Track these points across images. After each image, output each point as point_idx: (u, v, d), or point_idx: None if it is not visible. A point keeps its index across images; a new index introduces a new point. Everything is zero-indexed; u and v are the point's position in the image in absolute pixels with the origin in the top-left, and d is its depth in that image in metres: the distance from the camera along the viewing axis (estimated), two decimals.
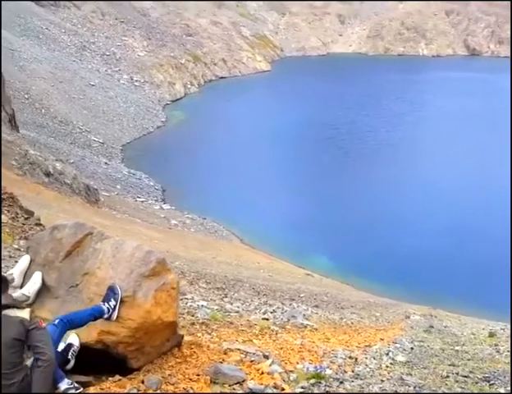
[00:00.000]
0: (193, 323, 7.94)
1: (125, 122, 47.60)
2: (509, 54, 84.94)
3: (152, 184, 36.88)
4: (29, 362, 4.58)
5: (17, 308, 4.59)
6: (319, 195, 35.51)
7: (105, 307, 5.39)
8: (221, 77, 68.36)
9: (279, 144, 45.70)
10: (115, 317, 5.43)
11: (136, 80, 56.52)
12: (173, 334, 6.25)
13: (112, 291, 5.49)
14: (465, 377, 7.15)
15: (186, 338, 6.80)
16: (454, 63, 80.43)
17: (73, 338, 5.39)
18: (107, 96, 50.61)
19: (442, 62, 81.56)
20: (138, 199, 33.61)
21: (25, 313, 4.57)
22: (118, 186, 35.00)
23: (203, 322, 8.20)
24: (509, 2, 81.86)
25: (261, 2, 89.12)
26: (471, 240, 29.23)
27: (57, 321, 5.08)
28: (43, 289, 5.85)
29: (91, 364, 5.47)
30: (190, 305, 9.52)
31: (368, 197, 35.10)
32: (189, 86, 62.00)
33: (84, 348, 5.46)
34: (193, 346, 6.49)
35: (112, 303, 5.42)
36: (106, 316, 5.39)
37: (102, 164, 38.06)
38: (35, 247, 6.19)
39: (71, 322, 5.14)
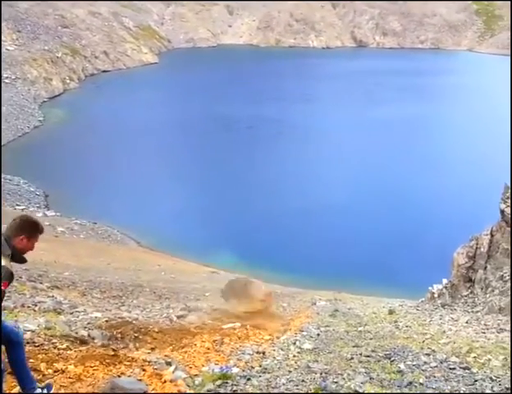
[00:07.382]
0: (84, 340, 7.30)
1: None
2: (393, 45, 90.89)
3: (32, 189, 33.98)
4: None
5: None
6: (214, 189, 34.83)
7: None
8: (104, 71, 65.42)
9: (166, 140, 44.37)
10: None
11: (6, 77, 51.74)
12: None
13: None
14: (368, 356, 7.38)
15: (77, 354, 6.25)
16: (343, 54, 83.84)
17: None
18: None
19: (331, 54, 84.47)
20: (17, 207, 30.77)
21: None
22: None
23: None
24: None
25: None
26: (369, 221, 30.23)
27: None
28: None
29: None
30: (82, 318, 8.84)
31: (264, 186, 35.05)
32: (68, 81, 58.47)
33: None
34: (86, 362, 5.96)
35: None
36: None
37: None
38: None
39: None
